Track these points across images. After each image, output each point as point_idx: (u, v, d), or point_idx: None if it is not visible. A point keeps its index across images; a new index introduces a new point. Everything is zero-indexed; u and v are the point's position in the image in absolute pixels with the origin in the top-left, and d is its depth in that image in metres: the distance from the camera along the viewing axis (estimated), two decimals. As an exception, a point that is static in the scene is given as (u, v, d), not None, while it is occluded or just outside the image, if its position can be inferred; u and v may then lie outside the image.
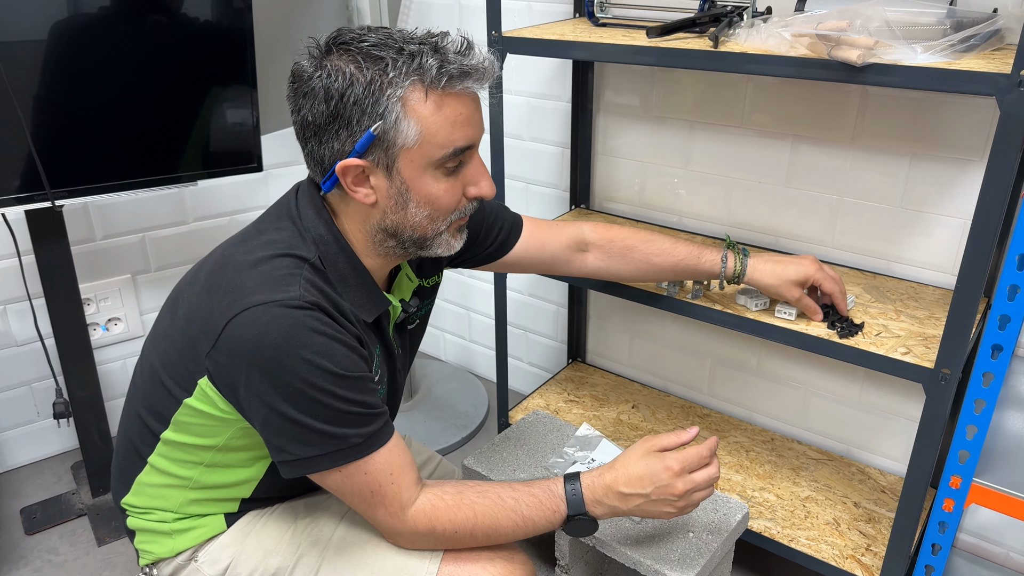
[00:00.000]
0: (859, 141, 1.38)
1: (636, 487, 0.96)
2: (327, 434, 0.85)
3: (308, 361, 0.82)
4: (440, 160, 0.87)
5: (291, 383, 0.82)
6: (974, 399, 0.96)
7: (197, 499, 1.00)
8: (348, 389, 0.85)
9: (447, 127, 0.85)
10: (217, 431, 0.92)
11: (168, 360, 0.91)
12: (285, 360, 0.81)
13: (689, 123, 1.57)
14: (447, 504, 0.93)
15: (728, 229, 1.60)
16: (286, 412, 0.83)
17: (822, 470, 1.55)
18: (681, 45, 1.20)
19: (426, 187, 0.88)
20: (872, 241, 1.43)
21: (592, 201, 1.79)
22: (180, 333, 0.90)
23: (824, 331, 1.21)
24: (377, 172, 0.87)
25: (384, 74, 0.82)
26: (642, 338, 1.83)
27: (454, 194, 0.90)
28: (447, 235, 0.93)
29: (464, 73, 0.85)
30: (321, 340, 0.83)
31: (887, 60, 1.01)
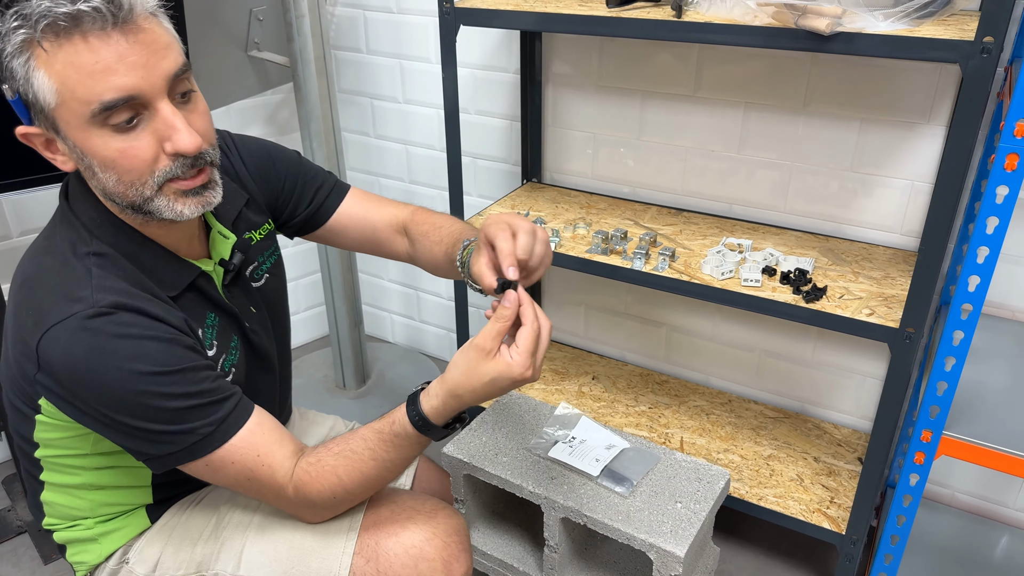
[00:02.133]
0: (810, 107, 1.41)
1: (482, 390, 0.85)
2: (172, 432, 0.82)
3: (122, 369, 0.78)
4: (96, 118, 0.75)
5: (115, 394, 0.79)
6: (945, 356, 1.00)
7: (105, 500, 0.96)
8: (175, 384, 0.81)
9: (84, 80, 0.74)
10: (79, 442, 0.89)
11: (10, 383, 0.87)
12: (100, 374, 0.78)
13: (641, 92, 1.56)
14: (312, 476, 0.89)
15: (681, 198, 1.61)
16: (123, 421, 0.80)
17: (780, 428, 1.60)
18: (642, 15, 1.18)
19: (98, 148, 0.77)
20: (824, 205, 1.47)
21: (544, 174, 1.77)
22: (10, 355, 0.85)
23: (790, 296, 1.24)
24: (54, 138, 0.79)
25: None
26: (597, 310, 1.84)
27: (140, 153, 0.78)
28: (165, 199, 0.81)
29: (73, 16, 0.72)
30: (128, 344, 0.78)
31: (852, 29, 1.02)
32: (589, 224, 1.53)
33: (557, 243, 1.44)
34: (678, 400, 1.69)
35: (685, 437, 1.57)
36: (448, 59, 1.36)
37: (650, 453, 1.19)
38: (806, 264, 1.32)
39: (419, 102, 1.88)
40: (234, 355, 0.96)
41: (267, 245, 1.06)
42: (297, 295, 2.21)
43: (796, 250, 1.40)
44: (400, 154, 1.98)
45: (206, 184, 0.84)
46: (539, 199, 1.68)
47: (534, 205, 1.64)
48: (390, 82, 1.90)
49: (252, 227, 1.03)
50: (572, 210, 1.61)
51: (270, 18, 1.69)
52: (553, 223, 1.54)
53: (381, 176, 2.05)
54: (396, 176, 2.02)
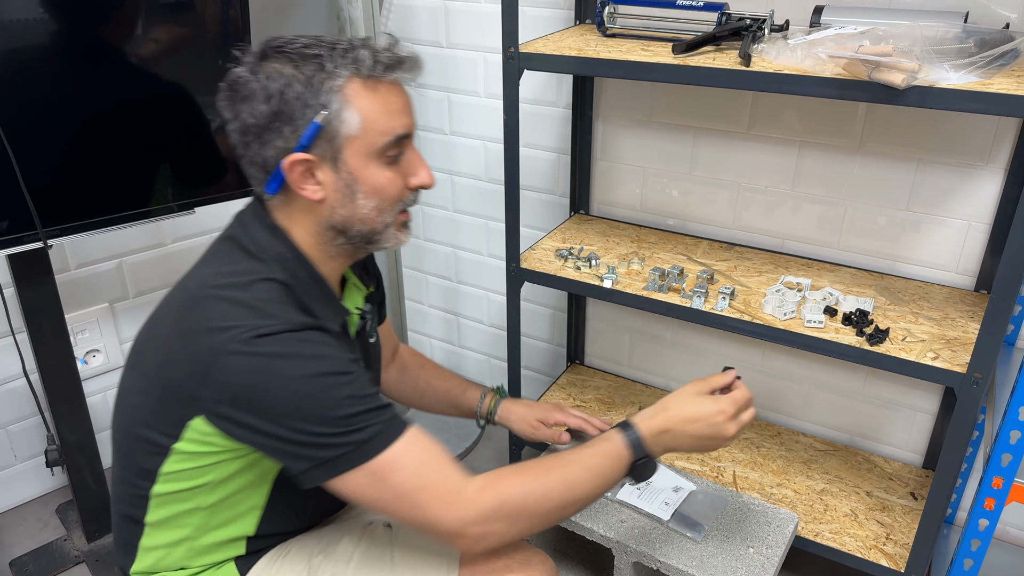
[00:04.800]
0: (866, 147, 1.42)
1: (690, 427, 0.98)
2: (347, 432, 0.84)
3: (304, 372, 0.83)
4: (383, 148, 0.89)
5: (295, 397, 0.82)
6: (1019, 406, 1.01)
7: (204, 547, 0.98)
8: (350, 385, 0.85)
9: (386, 115, 0.89)
10: (211, 468, 0.91)
11: (145, 414, 0.90)
12: (281, 381, 0.82)
13: (693, 129, 1.58)
14: (507, 472, 0.90)
15: (732, 232, 1.63)
16: (298, 426, 0.83)
17: (831, 461, 1.61)
18: (709, 63, 1.20)
19: (372, 177, 0.90)
20: (878, 242, 1.48)
21: (592, 206, 1.78)
22: (156, 383, 0.88)
23: (854, 339, 1.25)
24: (323, 166, 0.89)
25: (321, 68, 0.86)
26: (642, 339, 1.85)
27: (398, 184, 0.93)
28: (394, 229, 0.95)
29: (396, 62, 0.90)
30: (310, 349, 0.84)
31: (925, 83, 1.04)
32: (643, 259, 1.54)
33: (614, 280, 1.45)
34: (726, 431, 1.70)
35: (737, 471, 1.58)
36: (510, 102, 1.38)
37: (718, 496, 1.20)
38: (866, 304, 1.33)
39: (465, 134, 1.90)
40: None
41: (374, 302, 1.13)
42: (338, 320, 2.23)
43: (853, 288, 1.41)
44: (445, 183, 2.00)
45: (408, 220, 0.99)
46: (588, 231, 1.69)
47: (584, 238, 1.65)
48: (437, 114, 1.92)
49: (366, 283, 1.11)
50: (623, 244, 1.63)
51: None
52: (606, 258, 1.55)
53: (426, 205, 2.07)
54: (440, 205, 2.04)
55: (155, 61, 1.32)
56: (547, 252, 1.59)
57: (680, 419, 0.97)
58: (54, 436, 1.52)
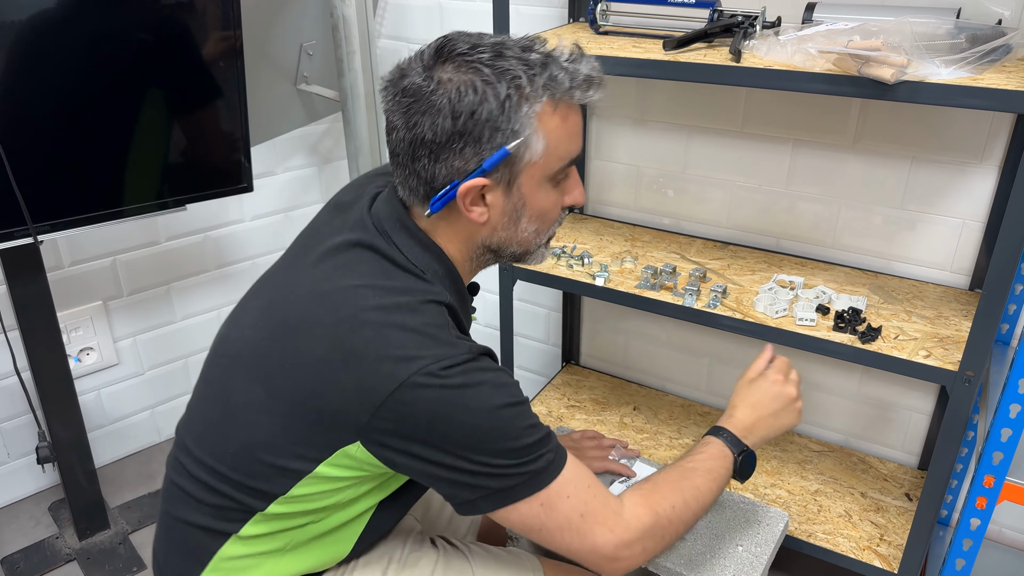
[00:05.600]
0: (860, 145, 1.42)
1: (764, 409, 1.06)
2: (523, 463, 0.81)
3: (495, 408, 0.80)
4: (556, 172, 0.86)
5: (478, 430, 0.79)
6: (1010, 403, 1.00)
7: (289, 558, 0.92)
8: (525, 416, 0.83)
9: (567, 139, 0.85)
10: (342, 491, 0.86)
11: (278, 439, 0.83)
12: (467, 414, 0.78)
13: (687, 128, 1.58)
14: (648, 490, 0.92)
15: (726, 231, 1.62)
16: (481, 459, 0.80)
17: (826, 462, 1.60)
18: (700, 59, 1.19)
19: (540, 201, 0.87)
20: (872, 241, 1.47)
21: (586, 205, 1.78)
22: (301, 408, 0.81)
23: (846, 337, 1.24)
24: (496, 190, 0.84)
25: (519, 90, 0.79)
26: (637, 339, 1.85)
27: (558, 204, 0.90)
28: (544, 248, 0.94)
29: (589, 83, 0.84)
30: (497, 381, 0.81)
31: (915, 77, 1.03)
32: (636, 258, 1.54)
33: (606, 278, 1.44)
34: (721, 432, 1.69)
35: (731, 471, 1.57)
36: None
37: (707, 494, 1.19)
38: (859, 303, 1.32)
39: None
40: None
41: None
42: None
43: (847, 287, 1.40)
44: (440, 183, 2.00)
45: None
46: (583, 230, 1.69)
47: (578, 237, 1.65)
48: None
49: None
50: (617, 243, 1.62)
51: (319, 52, 1.71)
52: (600, 256, 1.55)
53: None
54: (435, 204, 2.04)
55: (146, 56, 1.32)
56: (540, 250, 1.58)
57: (752, 406, 1.05)
58: (45, 434, 1.52)
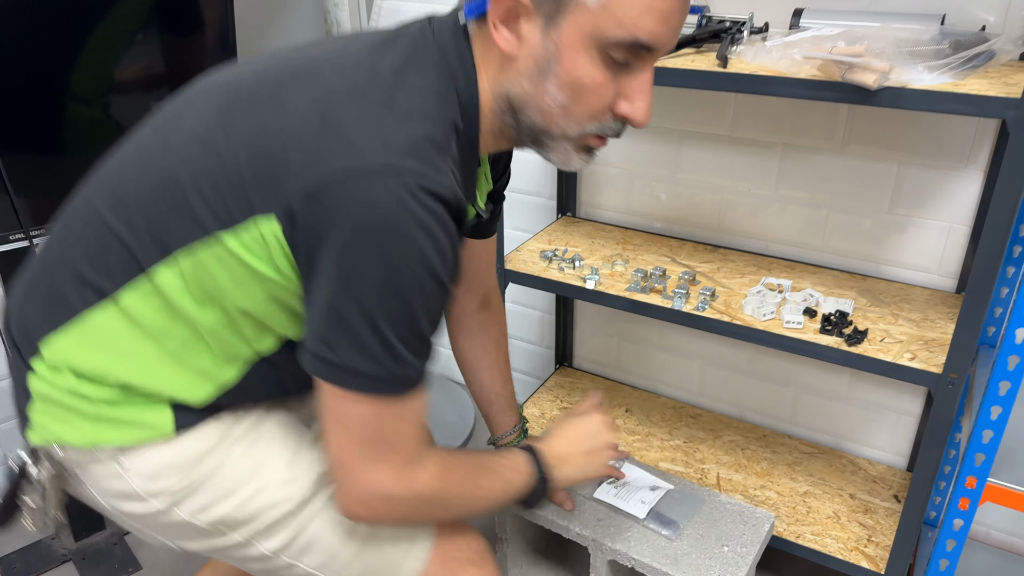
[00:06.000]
0: (848, 149, 1.43)
1: (580, 445, 1.05)
2: (393, 355, 0.71)
3: (422, 272, 0.69)
4: (611, 43, 0.71)
5: (395, 278, 0.68)
6: (991, 405, 1.02)
7: (162, 372, 0.78)
8: (439, 307, 0.74)
9: (639, 7, 0.69)
10: (233, 294, 0.74)
11: (205, 176, 0.72)
12: (404, 250, 0.67)
13: (677, 132, 1.59)
14: (448, 465, 0.84)
15: (717, 235, 1.63)
16: (367, 309, 0.69)
17: (815, 464, 1.61)
18: (688, 64, 1.21)
19: (578, 66, 0.72)
20: (861, 244, 1.48)
21: (579, 209, 1.79)
22: (244, 146, 0.71)
23: (832, 340, 1.25)
24: (533, 19, 0.72)
25: None
26: (630, 341, 1.86)
27: (602, 95, 0.74)
28: (570, 146, 0.78)
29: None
30: (444, 240, 0.70)
31: (898, 83, 1.04)
32: (627, 261, 1.55)
33: (596, 280, 1.46)
34: (713, 434, 1.71)
35: (721, 473, 1.58)
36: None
37: (695, 495, 1.20)
38: (846, 306, 1.34)
39: (455, 136, 1.91)
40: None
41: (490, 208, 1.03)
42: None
43: (835, 290, 1.42)
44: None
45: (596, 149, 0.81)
46: (575, 234, 1.70)
47: (570, 240, 1.66)
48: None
49: (495, 179, 1.00)
50: (608, 246, 1.63)
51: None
52: (591, 259, 1.56)
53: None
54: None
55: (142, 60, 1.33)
56: (532, 254, 1.59)
57: (571, 440, 1.05)
58: (41, 434, 1.53)
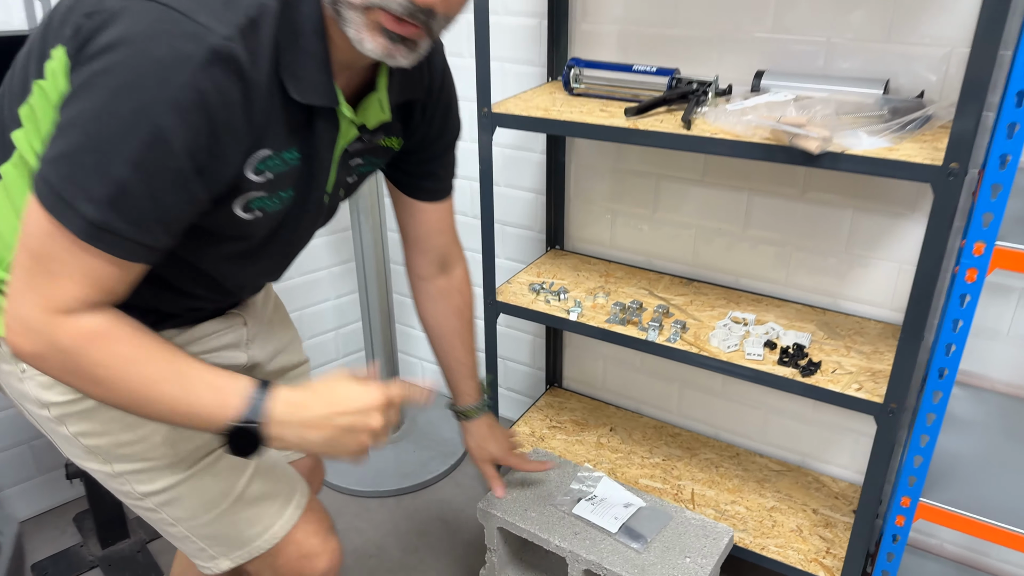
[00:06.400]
0: (808, 195, 1.57)
1: (335, 411, 0.80)
2: (81, 186, 0.67)
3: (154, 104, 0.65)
4: None
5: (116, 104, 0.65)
6: (920, 434, 1.15)
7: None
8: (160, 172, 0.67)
9: None
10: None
11: (35, 42, 0.77)
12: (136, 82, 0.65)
13: (656, 175, 1.73)
14: (123, 333, 0.73)
15: (692, 269, 1.77)
16: (83, 126, 0.66)
17: (783, 481, 1.75)
18: (657, 126, 1.35)
19: None
20: (822, 280, 1.62)
21: (567, 242, 1.94)
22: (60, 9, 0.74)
23: (788, 371, 1.39)
24: None
25: None
26: (615, 364, 2.00)
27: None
28: (360, 18, 0.71)
29: None
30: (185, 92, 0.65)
31: (838, 148, 1.18)
32: (608, 293, 1.69)
33: (579, 313, 1.60)
34: (690, 453, 1.84)
35: (696, 489, 1.71)
36: (485, 154, 1.53)
37: (663, 512, 1.34)
38: (804, 339, 1.47)
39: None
40: (275, 204, 0.83)
41: (382, 155, 0.97)
42: (338, 342, 2.39)
43: (796, 323, 1.55)
44: (434, 218, 2.16)
45: (406, 39, 0.73)
46: (562, 266, 1.84)
47: (557, 272, 1.80)
48: (426, 154, 2.08)
49: (393, 129, 0.95)
50: (592, 278, 1.77)
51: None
52: (575, 292, 1.70)
53: (416, 237, 2.22)
54: (430, 237, 2.20)
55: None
56: (522, 286, 1.74)
57: (326, 400, 0.80)
58: (72, 451, 1.67)
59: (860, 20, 1.39)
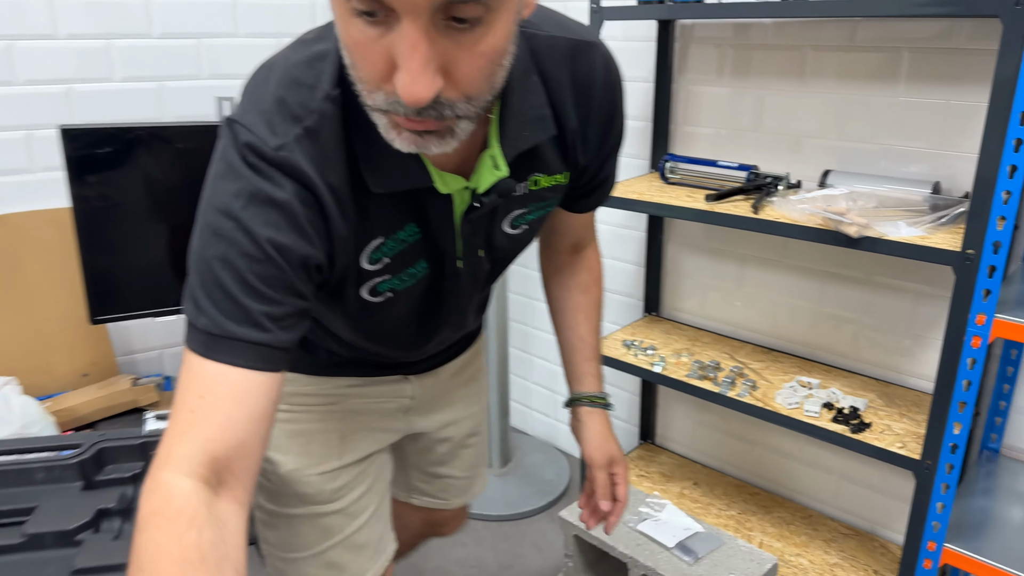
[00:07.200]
0: (873, 279, 1.77)
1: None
2: (195, 303, 0.68)
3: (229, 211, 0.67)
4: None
5: (205, 222, 0.69)
6: (941, 483, 1.32)
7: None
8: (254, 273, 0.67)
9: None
10: None
11: None
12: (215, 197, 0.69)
13: (741, 255, 1.99)
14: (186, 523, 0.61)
15: (773, 340, 1.99)
16: (192, 245, 0.70)
17: (850, 543, 1.88)
18: (730, 210, 1.63)
19: (339, 20, 0.63)
20: (885, 355, 1.79)
21: (662, 310, 2.21)
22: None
23: (840, 428, 1.58)
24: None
25: None
26: (704, 426, 2.21)
27: (368, 56, 0.61)
28: (381, 119, 0.65)
29: None
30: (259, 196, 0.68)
31: (875, 234, 1.42)
32: (692, 354, 1.94)
33: (663, 366, 1.86)
34: (764, 510, 2.01)
35: (764, 540, 1.88)
36: (589, 227, 1.87)
37: (717, 537, 1.55)
38: (860, 404, 1.66)
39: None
40: (407, 280, 0.83)
41: (548, 196, 0.89)
42: (460, 389, 2.74)
43: (858, 391, 1.73)
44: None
45: (433, 131, 0.65)
46: (655, 330, 2.11)
47: (649, 334, 2.08)
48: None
49: (544, 169, 0.85)
50: (680, 341, 2.03)
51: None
52: (663, 351, 1.96)
53: (537, 300, 2.56)
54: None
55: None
56: (616, 342, 2.02)
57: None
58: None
59: (916, 132, 1.62)
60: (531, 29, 0.78)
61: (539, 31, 0.79)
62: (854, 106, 1.70)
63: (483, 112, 0.66)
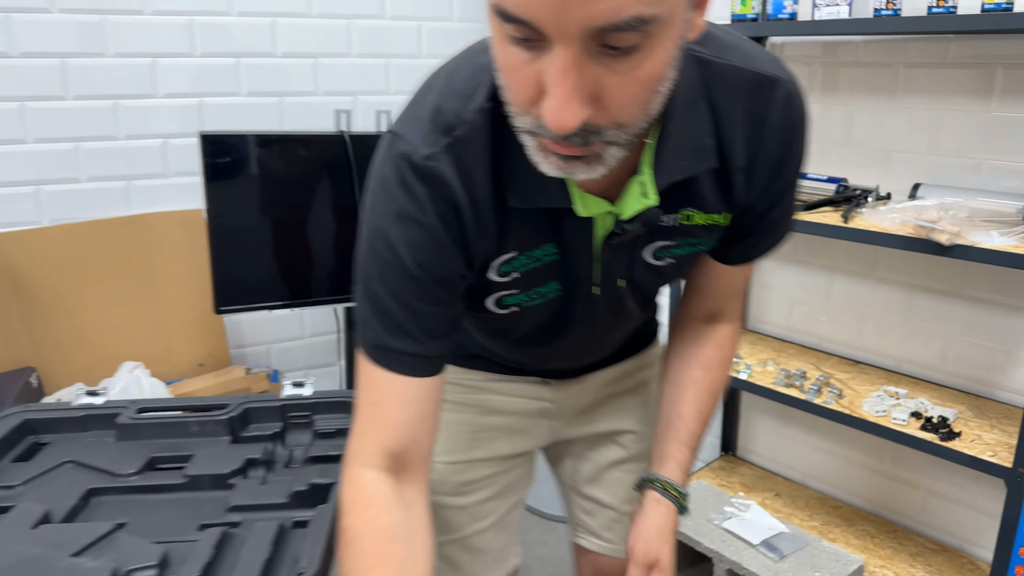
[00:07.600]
0: (964, 292, 1.78)
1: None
2: (363, 315, 0.77)
3: (382, 230, 0.73)
4: (499, 12, 0.57)
5: (367, 241, 0.75)
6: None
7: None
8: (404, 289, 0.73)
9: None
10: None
11: None
12: (372, 211, 0.75)
13: (829, 268, 2.03)
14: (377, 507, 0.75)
15: (858, 352, 2.01)
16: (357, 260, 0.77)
17: (936, 558, 1.86)
18: (819, 219, 1.68)
19: (495, 41, 0.62)
20: (976, 369, 1.79)
21: (748, 322, 2.25)
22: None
23: (929, 436, 1.59)
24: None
25: None
26: (785, 439, 2.23)
27: (519, 80, 0.60)
28: (530, 141, 0.65)
29: None
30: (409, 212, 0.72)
31: (967, 242, 1.45)
32: (777, 363, 1.98)
33: (749, 373, 1.90)
34: (847, 522, 2.01)
35: (848, 550, 1.89)
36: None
37: (802, 537, 1.58)
38: (950, 414, 1.67)
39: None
40: (535, 298, 0.83)
41: (701, 234, 0.83)
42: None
43: (947, 403, 1.74)
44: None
45: (580, 157, 0.63)
46: (741, 341, 2.14)
47: (736, 345, 2.12)
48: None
49: (699, 205, 0.79)
50: (766, 352, 2.07)
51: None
52: (748, 359, 2.01)
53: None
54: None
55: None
56: (702, 350, 2.07)
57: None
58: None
59: (1010, 147, 1.64)
60: (707, 55, 0.73)
61: (717, 58, 0.74)
62: (945, 121, 1.73)
63: (636, 139, 0.64)
